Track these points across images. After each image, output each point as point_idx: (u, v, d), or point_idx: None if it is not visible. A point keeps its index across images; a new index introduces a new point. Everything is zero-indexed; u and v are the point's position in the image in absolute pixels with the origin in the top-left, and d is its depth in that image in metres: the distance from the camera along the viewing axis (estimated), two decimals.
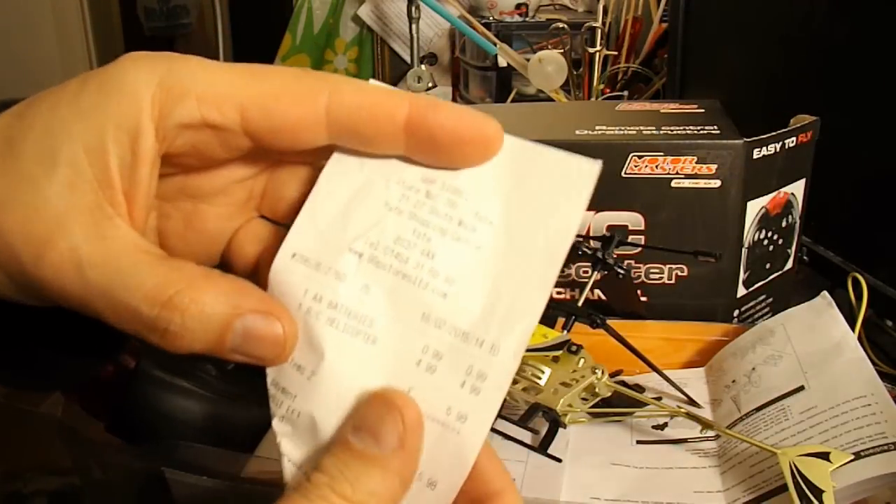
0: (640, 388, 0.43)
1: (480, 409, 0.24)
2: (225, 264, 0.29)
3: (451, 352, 0.24)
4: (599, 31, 0.99)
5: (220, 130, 0.24)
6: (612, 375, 0.41)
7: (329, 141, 0.25)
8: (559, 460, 0.38)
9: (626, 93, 1.05)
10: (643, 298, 0.51)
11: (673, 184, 0.49)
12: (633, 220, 0.50)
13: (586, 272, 0.51)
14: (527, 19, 1.16)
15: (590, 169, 0.25)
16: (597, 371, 0.39)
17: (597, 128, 0.52)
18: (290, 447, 0.25)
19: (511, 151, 0.25)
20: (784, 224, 0.53)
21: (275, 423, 0.25)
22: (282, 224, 0.28)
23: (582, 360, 0.40)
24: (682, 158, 0.49)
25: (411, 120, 0.24)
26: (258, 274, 0.28)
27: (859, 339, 0.40)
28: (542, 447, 0.39)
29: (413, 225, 0.25)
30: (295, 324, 0.25)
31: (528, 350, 0.29)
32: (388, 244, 0.25)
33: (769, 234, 0.52)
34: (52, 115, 0.24)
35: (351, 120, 0.24)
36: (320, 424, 0.25)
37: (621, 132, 0.51)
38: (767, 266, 0.53)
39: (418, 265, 0.25)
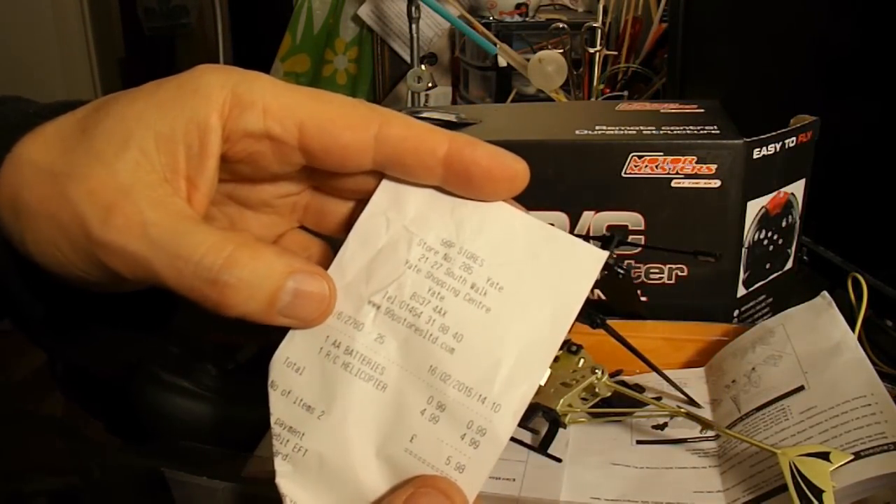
0: (640, 388, 0.43)
1: (478, 461, 0.25)
2: None
3: (454, 405, 0.26)
4: (599, 31, 0.99)
5: (278, 143, 0.26)
6: (612, 375, 0.41)
7: (374, 167, 0.27)
8: (559, 460, 0.38)
9: (626, 93, 1.05)
10: (643, 298, 0.51)
11: (673, 184, 0.49)
12: (633, 220, 0.50)
13: None
14: (527, 19, 1.16)
15: (598, 256, 0.27)
16: (597, 371, 0.39)
17: (597, 128, 0.52)
18: (291, 488, 0.26)
19: (527, 229, 0.27)
20: (784, 224, 0.53)
21: (277, 461, 0.26)
22: (324, 236, 0.31)
23: (582, 360, 0.40)
24: (682, 158, 0.49)
25: (450, 155, 0.26)
26: None
27: (859, 339, 0.40)
28: (542, 447, 0.39)
29: (429, 284, 0.27)
30: (335, 284, 0.27)
31: None
32: (405, 299, 0.27)
33: (769, 234, 0.52)
34: (129, 106, 0.25)
35: (396, 150, 0.26)
36: (327, 463, 0.26)
37: (621, 132, 0.51)
38: (767, 266, 0.53)
39: (430, 320, 0.26)
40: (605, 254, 0.27)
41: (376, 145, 0.26)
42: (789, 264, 0.55)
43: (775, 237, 0.53)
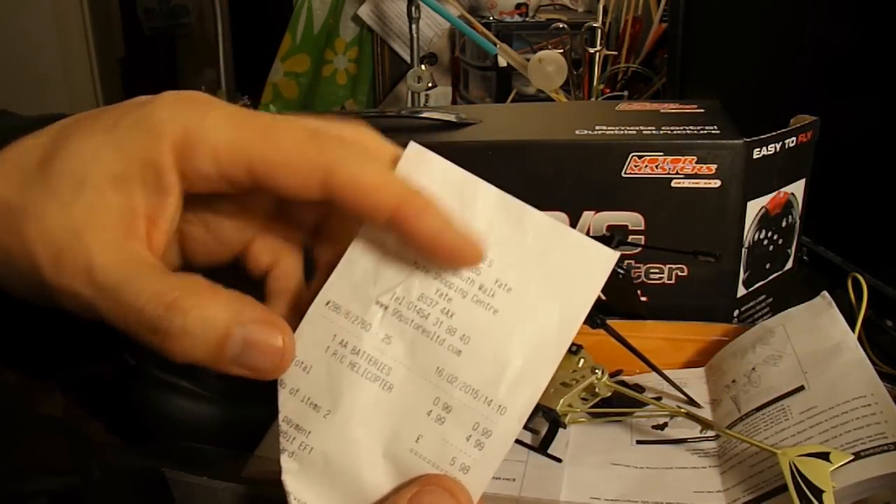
0: (640, 388, 0.43)
1: (482, 463, 0.25)
2: (240, 267, 0.30)
3: (460, 407, 0.26)
4: (599, 31, 0.99)
5: (232, 180, 0.26)
6: (612, 375, 0.41)
7: (326, 201, 0.26)
8: (559, 460, 0.38)
9: (626, 93, 1.05)
10: (643, 298, 0.51)
11: (673, 184, 0.49)
12: (633, 220, 0.50)
13: None
14: (527, 19, 1.16)
15: (609, 256, 0.27)
16: (597, 371, 0.39)
17: (597, 128, 0.52)
18: (296, 486, 0.26)
19: (537, 227, 0.27)
20: (784, 224, 0.53)
21: (283, 458, 0.26)
22: (292, 241, 0.30)
23: (582, 360, 0.40)
24: (682, 158, 0.49)
25: (396, 216, 0.26)
26: (268, 279, 0.30)
27: (859, 339, 0.40)
28: (542, 447, 0.39)
29: (437, 285, 0.27)
30: (293, 338, 0.26)
31: None
32: (412, 300, 0.27)
33: (769, 234, 0.52)
34: (86, 141, 0.25)
35: (343, 199, 0.26)
36: (332, 461, 0.26)
37: (621, 132, 0.51)
38: (767, 266, 0.53)
39: (437, 322, 0.27)
40: (617, 254, 0.26)
41: (324, 190, 0.26)
42: (789, 264, 0.55)
43: (775, 237, 0.53)
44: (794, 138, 0.51)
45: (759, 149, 0.49)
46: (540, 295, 0.26)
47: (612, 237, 0.47)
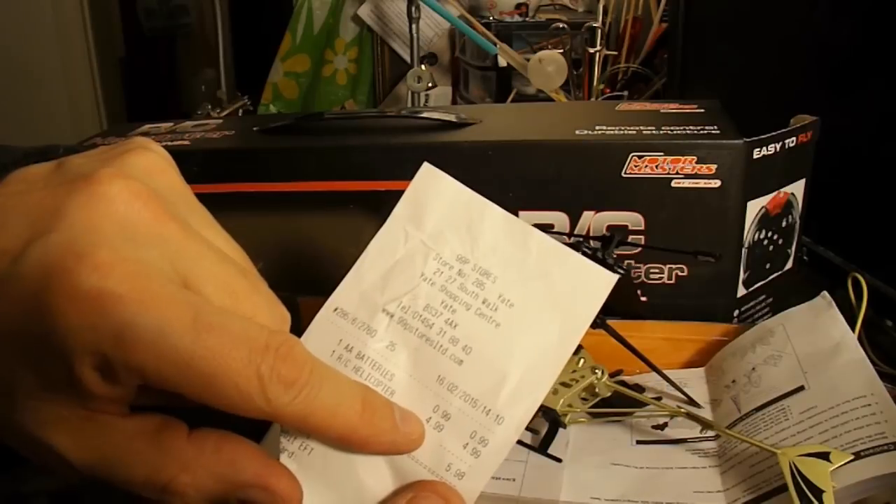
0: (640, 388, 0.43)
1: (477, 470, 0.26)
2: None
3: (458, 415, 0.26)
4: (599, 31, 0.99)
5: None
6: (612, 375, 0.41)
7: None
8: (559, 460, 0.38)
9: (626, 93, 1.05)
10: (643, 298, 0.51)
11: (673, 184, 0.49)
12: (633, 220, 0.50)
13: None
14: (527, 19, 1.16)
15: (608, 279, 0.28)
16: (597, 371, 0.39)
17: (597, 128, 0.52)
18: None
19: (540, 249, 0.28)
20: (784, 224, 0.53)
21: (283, 458, 0.27)
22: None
23: (582, 360, 0.40)
24: (682, 158, 0.49)
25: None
26: None
27: (859, 339, 0.40)
28: (542, 447, 0.39)
29: (442, 297, 0.28)
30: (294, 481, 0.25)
31: None
32: (418, 310, 0.28)
33: (769, 234, 0.52)
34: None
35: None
36: (331, 463, 0.26)
37: (621, 132, 0.51)
38: (767, 266, 0.53)
39: (441, 332, 0.27)
40: (616, 277, 0.28)
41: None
42: (789, 264, 0.55)
43: (775, 237, 0.53)
44: (794, 138, 0.51)
45: (759, 149, 0.49)
46: (540, 312, 0.27)
47: (612, 237, 0.47)
